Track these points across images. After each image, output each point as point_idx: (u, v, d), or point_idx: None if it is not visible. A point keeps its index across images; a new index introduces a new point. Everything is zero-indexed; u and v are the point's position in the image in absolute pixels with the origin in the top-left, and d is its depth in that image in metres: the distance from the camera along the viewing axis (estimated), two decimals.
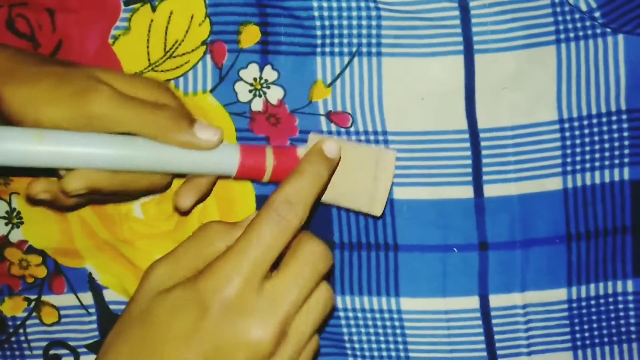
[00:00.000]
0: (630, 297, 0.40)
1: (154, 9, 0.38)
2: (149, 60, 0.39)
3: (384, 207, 0.36)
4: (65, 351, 0.42)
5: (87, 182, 0.32)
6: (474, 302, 0.39)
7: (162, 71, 0.39)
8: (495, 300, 0.39)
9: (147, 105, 0.32)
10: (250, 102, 0.39)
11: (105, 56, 0.38)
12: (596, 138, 0.38)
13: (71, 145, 0.31)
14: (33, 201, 0.33)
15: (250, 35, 0.38)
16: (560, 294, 0.39)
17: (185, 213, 0.38)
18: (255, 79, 0.38)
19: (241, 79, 0.39)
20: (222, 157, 0.34)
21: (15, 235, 0.41)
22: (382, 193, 0.36)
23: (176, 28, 0.38)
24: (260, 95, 0.39)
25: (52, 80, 0.31)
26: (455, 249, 0.39)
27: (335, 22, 0.37)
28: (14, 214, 0.41)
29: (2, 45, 0.34)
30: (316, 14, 0.37)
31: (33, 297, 0.41)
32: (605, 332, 0.40)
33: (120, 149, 0.32)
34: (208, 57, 0.38)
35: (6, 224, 0.41)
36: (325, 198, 0.37)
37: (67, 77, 0.31)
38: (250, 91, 0.39)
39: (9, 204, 0.41)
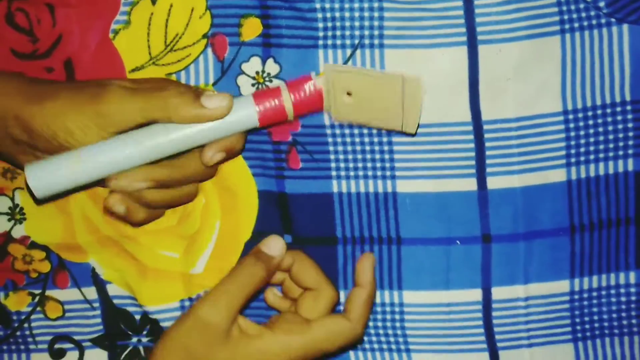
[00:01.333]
0: (632, 289, 0.39)
1: (153, 2, 0.37)
2: (149, 54, 0.38)
3: (417, 126, 0.35)
4: (70, 345, 0.42)
5: (145, 175, 0.34)
6: (476, 294, 0.39)
7: (163, 65, 0.38)
8: (497, 292, 0.39)
9: (153, 90, 0.34)
10: None
11: (106, 51, 0.38)
12: (600, 129, 0.37)
13: (106, 153, 0.33)
14: (110, 213, 0.36)
15: (252, 28, 0.37)
16: (563, 285, 0.39)
17: (211, 172, 0.38)
18: (257, 73, 0.38)
19: (243, 73, 0.38)
20: (239, 115, 0.34)
21: (18, 231, 0.40)
22: (414, 115, 0.35)
23: (176, 21, 0.37)
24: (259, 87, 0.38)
25: (69, 92, 0.34)
26: (458, 242, 0.38)
27: (337, 14, 0.36)
28: (17, 209, 0.40)
29: (14, 73, 0.36)
30: (318, 5, 0.36)
31: (37, 291, 0.41)
32: (606, 324, 0.39)
33: (146, 141, 0.33)
34: (209, 50, 0.38)
35: (9, 220, 0.40)
36: (357, 120, 0.36)
37: (81, 87, 0.35)
38: (253, 85, 0.38)
39: (12, 199, 0.40)
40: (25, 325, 0.41)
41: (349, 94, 0.35)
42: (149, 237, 0.40)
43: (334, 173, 0.38)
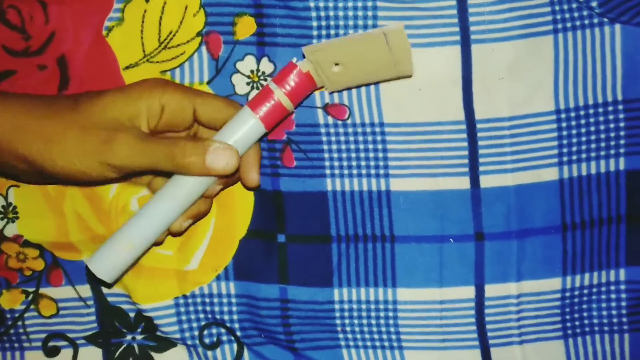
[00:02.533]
0: (622, 287, 0.39)
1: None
2: (143, 51, 0.37)
3: (412, 68, 0.34)
4: (64, 343, 0.41)
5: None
6: (469, 292, 0.38)
7: (157, 62, 0.37)
8: (490, 290, 0.38)
9: (163, 144, 0.33)
10: (247, 94, 0.37)
11: (100, 48, 0.37)
12: (592, 128, 0.37)
13: (147, 231, 0.35)
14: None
15: (246, 27, 0.37)
16: (555, 283, 0.38)
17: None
18: (252, 71, 0.37)
19: (238, 71, 0.37)
20: (244, 131, 0.34)
21: (11, 230, 0.40)
22: (406, 60, 0.34)
23: (170, 19, 0.37)
24: (257, 88, 0.37)
25: (76, 132, 0.33)
26: (451, 240, 0.38)
27: (332, 13, 0.36)
28: (10, 208, 0.40)
29: (5, 98, 0.34)
30: (312, 4, 0.36)
31: (31, 289, 0.41)
32: (596, 321, 0.39)
33: (178, 194, 0.34)
34: (204, 48, 0.37)
35: (2, 219, 0.40)
36: (353, 84, 0.36)
37: (89, 128, 0.33)
38: (247, 83, 0.37)
39: (6, 198, 0.39)
40: (19, 323, 0.41)
41: (336, 64, 0.34)
42: None
43: (328, 171, 0.38)
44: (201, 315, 0.40)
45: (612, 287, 0.39)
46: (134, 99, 0.33)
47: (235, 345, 0.40)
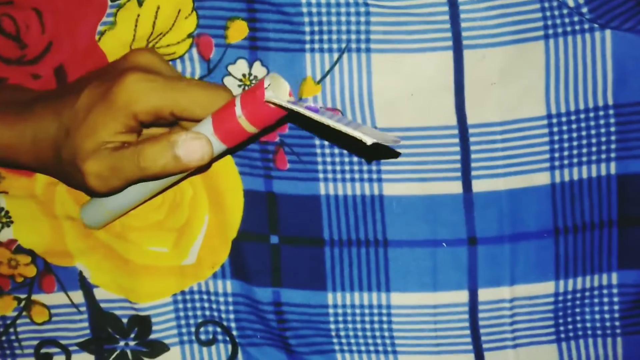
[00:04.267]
0: (615, 290, 0.38)
1: (140, 3, 0.36)
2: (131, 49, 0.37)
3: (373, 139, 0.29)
4: (57, 350, 0.41)
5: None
6: (463, 296, 0.38)
7: None
8: (484, 294, 0.38)
9: (128, 159, 0.31)
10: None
11: (94, 53, 0.37)
12: (583, 133, 0.37)
13: (125, 203, 0.36)
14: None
15: (238, 31, 0.36)
16: (548, 287, 0.38)
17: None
18: (244, 75, 0.37)
19: (230, 74, 0.37)
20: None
21: (5, 235, 0.39)
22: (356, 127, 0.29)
23: (163, 23, 0.36)
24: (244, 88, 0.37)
25: (69, 170, 0.33)
26: (444, 244, 0.37)
27: (324, 19, 0.35)
28: (2, 213, 0.39)
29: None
30: (305, 10, 0.35)
31: (23, 296, 0.40)
32: (589, 325, 0.39)
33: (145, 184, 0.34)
34: (194, 50, 0.37)
35: None
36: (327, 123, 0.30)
37: (72, 164, 0.33)
38: (239, 86, 0.37)
39: None
40: (11, 330, 0.40)
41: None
42: (138, 234, 0.39)
43: (321, 175, 0.37)
44: (198, 313, 0.40)
45: (605, 291, 0.38)
46: (111, 119, 0.31)
47: (229, 346, 0.40)
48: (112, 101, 0.31)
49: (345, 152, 0.37)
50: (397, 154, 0.35)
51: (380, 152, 0.36)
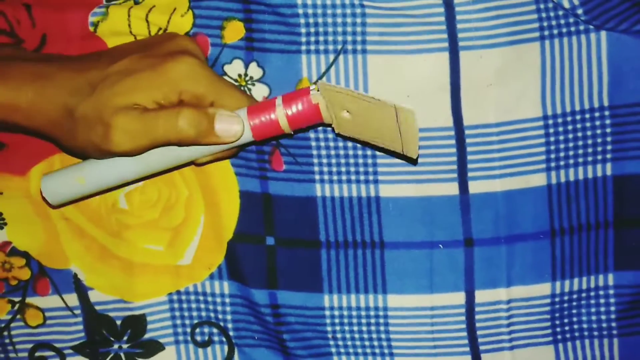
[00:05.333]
0: (611, 291, 0.38)
1: (136, 2, 0.36)
2: None
3: (417, 151, 0.33)
4: (51, 353, 0.40)
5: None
6: (460, 298, 0.38)
7: None
8: (480, 295, 0.38)
9: (164, 118, 0.32)
10: None
11: (92, 41, 0.36)
12: (579, 134, 0.37)
13: (106, 177, 0.34)
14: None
15: (234, 31, 0.36)
16: (545, 288, 0.38)
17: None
18: (240, 75, 0.37)
19: (226, 74, 0.37)
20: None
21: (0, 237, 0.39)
22: (412, 141, 0.32)
23: (157, 16, 0.36)
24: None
25: (85, 125, 0.33)
26: (441, 246, 0.37)
27: (320, 20, 0.35)
28: None
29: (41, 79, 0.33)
30: (300, 11, 0.35)
31: (17, 299, 0.40)
32: (585, 326, 0.39)
33: (144, 160, 0.33)
34: None
35: None
36: (360, 136, 0.34)
37: (94, 118, 0.32)
38: None
39: None
40: (5, 333, 0.40)
41: (347, 111, 0.33)
42: (133, 232, 0.39)
43: (317, 177, 0.37)
44: (194, 313, 0.39)
45: (601, 292, 0.38)
46: (156, 87, 0.32)
47: (226, 347, 0.40)
48: (162, 72, 0.32)
49: (341, 153, 0.37)
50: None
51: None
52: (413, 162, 0.35)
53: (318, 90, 0.32)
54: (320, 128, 0.37)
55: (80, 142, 0.32)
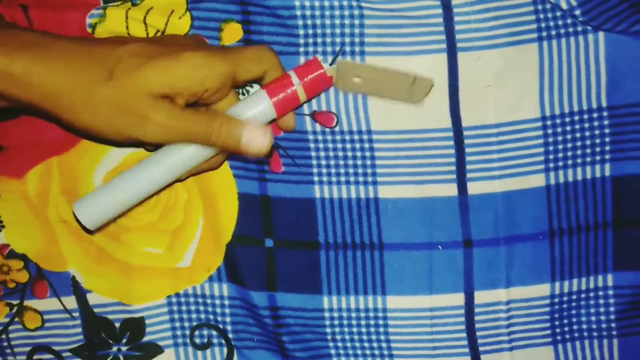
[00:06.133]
0: (610, 292, 0.38)
1: (134, 3, 0.36)
2: None
3: (423, 98, 0.35)
4: (50, 356, 0.40)
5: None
6: (459, 299, 0.38)
7: None
8: (480, 296, 0.38)
9: (199, 121, 0.32)
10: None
11: None
12: (578, 135, 0.37)
13: (139, 190, 0.34)
14: None
15: (232, 33, 0.36)
16: (544, 289, 0.38)
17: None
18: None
19: None
20: (256, 111, 0.34)
21: None
22: (420, 96, 0.35)
23: (155, 18, 0.36)
24: (243, 94, 0.37)
25: (109, 109, 0.31)
26: (440, 247, 0.37)
27: (318, 22, 0.35)
28: None
29: (49, 54, 0.31)
30: (298, 13, 0.35)
31: (15, 302, 0.39)
32: (585, 327, 0.39)
33: (169, 161, 0.33)
34: None
35: None
36: (362, 92, 0.36)
37: (123, 106, 0.31)
38: (235, 87, 0.36)
39: None
40: (3, 336, 0.40)
41: (358, 77, 0.35)
42: (130, 235, 0.39)
43: (316, 178, 0.37)
44: (193, 316, 0.39)
45: (601, 293, 0.38)
46: (177, 79, 0.31)
47: (225, 349, 0.39)
48: (181, 60, 0.32)
49: (340, 155, 0.37)
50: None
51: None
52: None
53: (326, 63, 0.35)
54: (318, 129, 0.37)
55: (89, 122, 0.31)
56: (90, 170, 0.38)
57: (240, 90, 0.37)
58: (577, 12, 0.35)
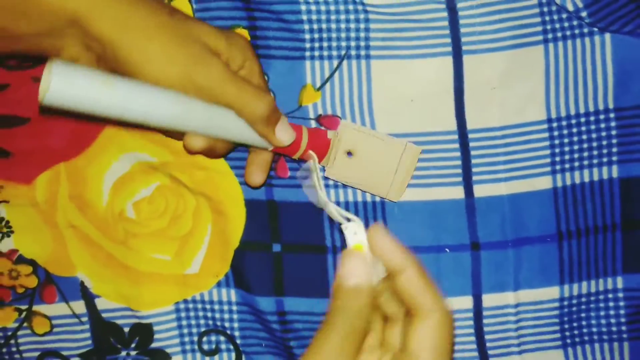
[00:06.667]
0: (620, 294, 0.38)
1: None
2: None
3: (401, 195, 0.36)
4: None
5: (206, 142, 0.32)
6: (467, 302, 0.38)
7: None
8: (488, 299, 0.38)
9: (250, 91, 0.32)
10: None
11: None
12: (584, 137, 0.36)
13: (139, 98, 0.29)
14: (191, 152, 0.33)
15: None
16: (553, 292, 0.38)
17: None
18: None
19: None
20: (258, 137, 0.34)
21: (6, 245, 0.39)
22: (400, 182, 0.36)
23: None
24: None
25: (169, 35, 0.29)
26: (447, 250, 0.37)
27: (324, 26, 0.35)
28: (3, 223, 0.39)
29: None
30: (304, 17, 0.35)
31: (24, 307, 0.40)
32: (595, 330, 0.39)
33: (181, 108, 0.30)
34: None
35: None
36: (347, 181, 0.36)
37: (185, 38, 0.30)
38: None
39: None
40: (12, 341, 0.40)
41: (349, 153, 0.36)
42: (139, 241, 0.39)
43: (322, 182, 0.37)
44: (201, 322, 0.39)
45: (610, 295, 0.38)
46: (229, 44, 0.32)
47: (233, 354, 0.39)
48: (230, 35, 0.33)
49: None
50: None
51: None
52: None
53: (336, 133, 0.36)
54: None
55: (141, 48, 0.28)
56: (99, 176, 0.38)
57: None
58: (584, 14, 0.35)
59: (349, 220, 0.28)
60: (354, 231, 0.27)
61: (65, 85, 0.26)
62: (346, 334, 0.25)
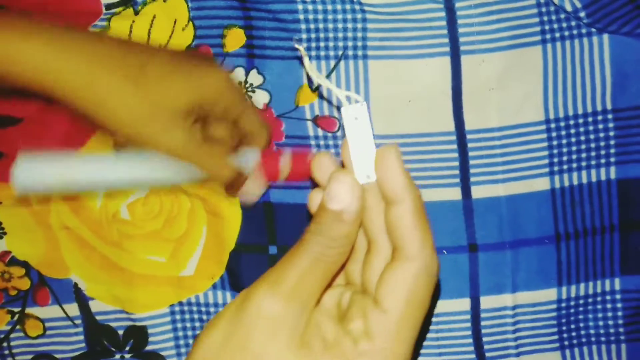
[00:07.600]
0: (618, 296, 0.38)
1: (136, 12, 0.36)
2: None
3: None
4: None
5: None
6: (465, 304, 0.38)
7: None
8: (486, 301, 0.38)
9: (210, 161, 0.32)
10: None
11: None
12: (582, 138, 0.36)
13: (98, 170, 0.33)
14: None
15: (235, 39, 0.36)
16: (551, 293, 0.38)
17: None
18: (240, 83, 0.37)
19: None
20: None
21: None
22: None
23: (159, 32, 0.36)
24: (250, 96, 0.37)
25: (135, 103, 0.30)
26: (445, 252, 0.37)
27: (321, 26, 0.35)
28: None
29: (80, 39, 0.30)
30: (301, 17, 0.35)
31: (17, 309, 0.40)
32: (592, 331, 0.39)
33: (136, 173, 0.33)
34: None
35: None
36: None
37: (153, 106, 0.31)
38: None
39: None
40: (5, 344, 0.40)
41: None
42: (133, 243, 0.39)
43: None
44: (197, 324, 0.39)
45: (608, 297, 0.38)
46: (205, 99, 0.31)
47: None
48: (203, 77, 0.32)
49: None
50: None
51: None
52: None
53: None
54: (320, 134, 0.37)
55: (120, 116, 0.29)
56: None
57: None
58: (582, 14, 0.35)
59: (351, 102, 0.23)
60: (355, 115, 0.22)
61: (29, 180, 0.31)
62: (316, 259, 0.22)
